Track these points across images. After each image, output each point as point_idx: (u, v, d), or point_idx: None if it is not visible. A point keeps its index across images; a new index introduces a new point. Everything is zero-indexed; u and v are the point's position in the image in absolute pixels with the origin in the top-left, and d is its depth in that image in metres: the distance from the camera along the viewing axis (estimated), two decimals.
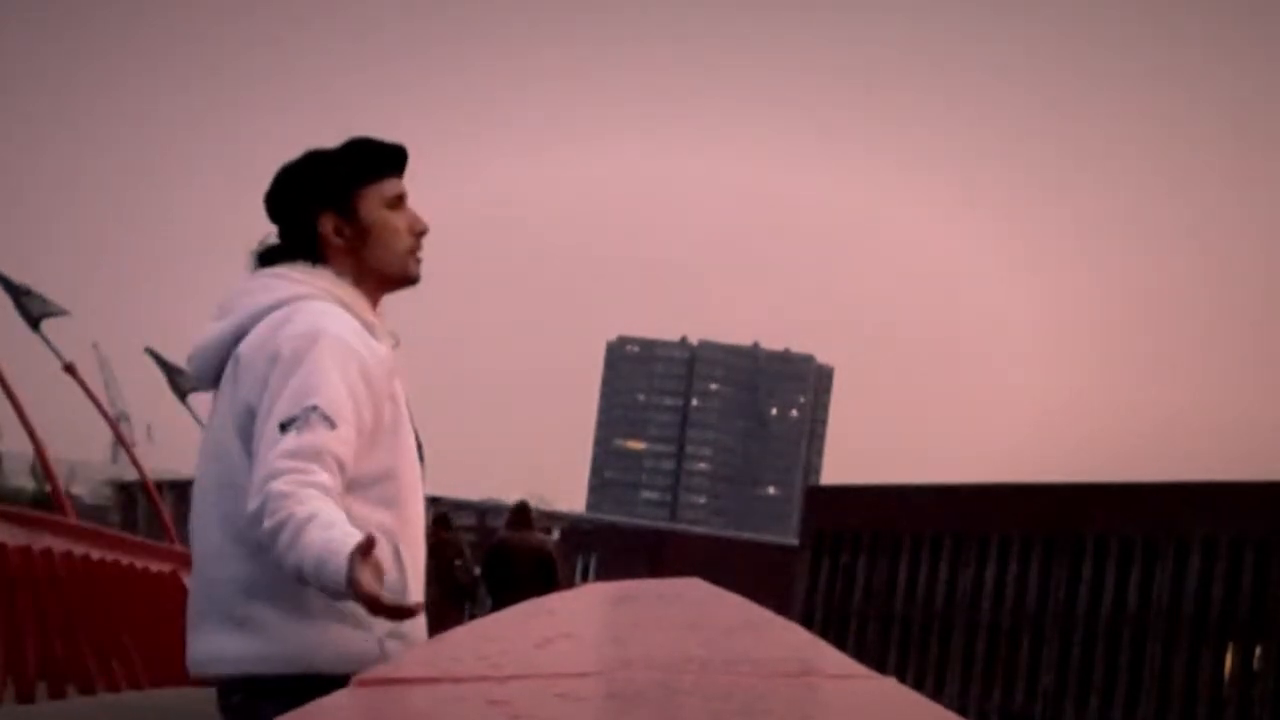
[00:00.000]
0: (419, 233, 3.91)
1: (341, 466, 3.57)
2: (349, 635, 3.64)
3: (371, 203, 3.87)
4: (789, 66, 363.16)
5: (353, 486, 3.64)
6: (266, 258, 3.87)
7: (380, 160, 3.90)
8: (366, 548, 3.38)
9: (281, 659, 3.65)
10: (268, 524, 3.47)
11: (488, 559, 16.20)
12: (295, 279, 3.80)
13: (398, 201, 3.90)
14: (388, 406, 3.75)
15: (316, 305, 3.75)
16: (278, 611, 3.65)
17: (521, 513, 16.42)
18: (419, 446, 3.89)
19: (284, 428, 3.57)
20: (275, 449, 3.54)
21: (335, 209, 3.85)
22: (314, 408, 3.58)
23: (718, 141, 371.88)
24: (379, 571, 3.40)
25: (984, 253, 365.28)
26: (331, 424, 3.58)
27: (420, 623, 3.71)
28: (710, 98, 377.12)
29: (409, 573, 3.73)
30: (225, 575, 3.70)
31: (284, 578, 3.57)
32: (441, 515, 17.32)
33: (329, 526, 3.44)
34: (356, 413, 3.64)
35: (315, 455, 3.54)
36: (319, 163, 3.88)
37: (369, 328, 3.80)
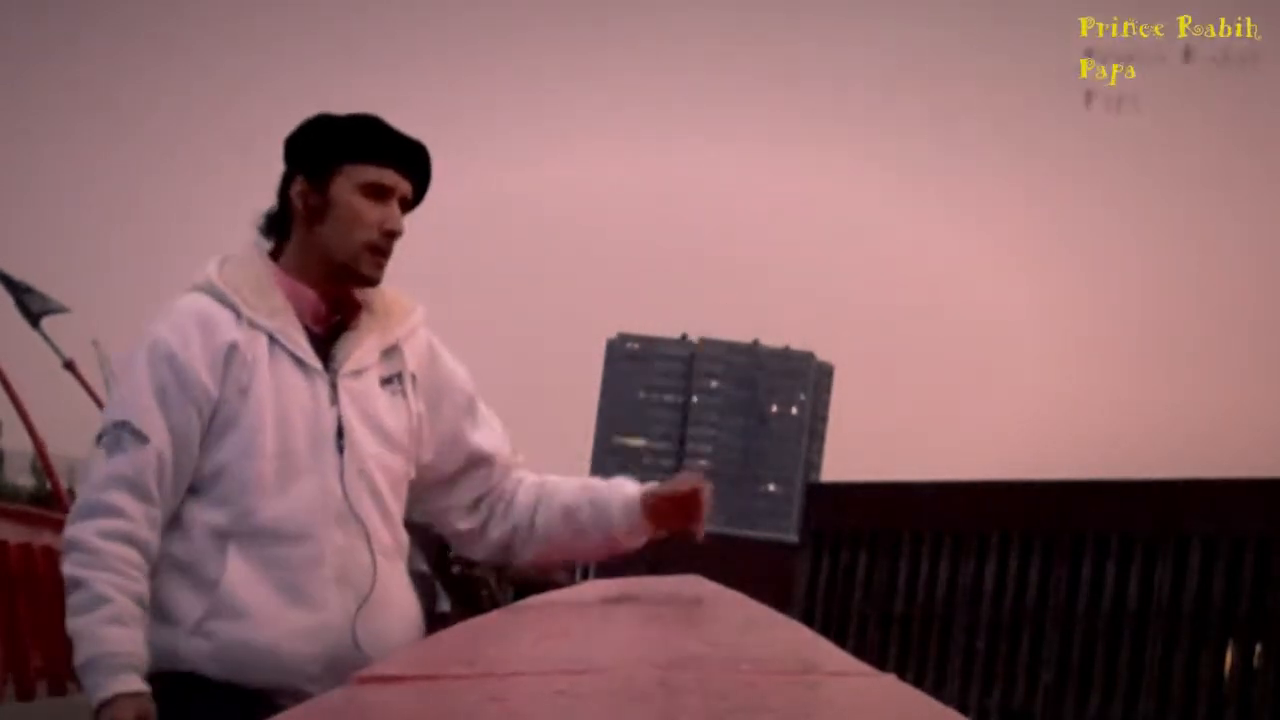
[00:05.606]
0: (387, 232, 3.58)
1: (147, 487, 3.45)
2: (157, 632, 3.48)
3: (346, 182, 3.58)
4: (789, 68, 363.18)
5: (194, 488, 3.52)
6: (265, 221, 3.68)
7: (375, 143, 3.62)
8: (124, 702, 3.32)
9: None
10: (66, 569, 3.42)
11: (519, 591, 17.93)
12: (204, 268, 3.62)
13: (374, 191, 3.59)
14: (234, 399, 3.51)
15: (178, 302, 3.57)
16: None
17: None
18: (340, 433, 3.56)
19: (99, 440, 3.51)
20: (90, 473, 3.47)
21: (308, 174, 3.60)
22: (124, 423, 3.48)
23: (718, 141, 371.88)
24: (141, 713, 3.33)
25: (984, 251, 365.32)
26: (143, 439, 3.46)
27: (244, 624, 3.47)
28: (711, 98, 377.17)
29: (232, 571, 3.48)
30: None
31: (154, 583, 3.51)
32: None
33: (114, 622, 3.37)
34: (168, 417, 3.48)
35: (125, 485, 3.44)
36: (317, 126, 3.65)
37: (252, 309, 3.54)
